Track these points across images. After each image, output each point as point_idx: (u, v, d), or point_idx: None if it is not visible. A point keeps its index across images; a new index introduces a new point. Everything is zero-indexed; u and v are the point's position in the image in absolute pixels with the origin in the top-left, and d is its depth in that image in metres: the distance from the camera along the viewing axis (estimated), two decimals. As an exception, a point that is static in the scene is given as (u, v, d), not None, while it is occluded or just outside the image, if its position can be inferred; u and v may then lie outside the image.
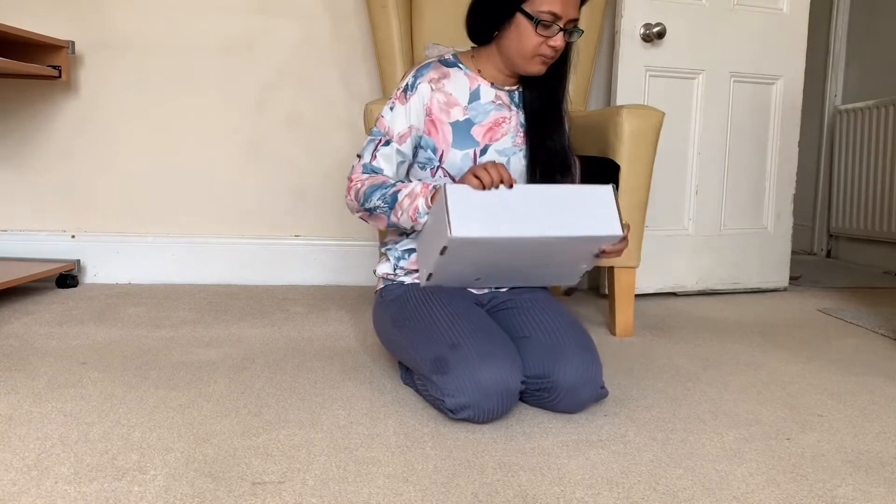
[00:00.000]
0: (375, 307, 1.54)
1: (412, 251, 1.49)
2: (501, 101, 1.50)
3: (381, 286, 1.54)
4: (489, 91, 1.50)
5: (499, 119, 1.49)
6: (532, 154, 1.49)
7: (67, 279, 2.43)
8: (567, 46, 1.45)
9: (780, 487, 1.06)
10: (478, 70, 1.51)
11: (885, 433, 1.29)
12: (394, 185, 1.40)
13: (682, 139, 2.52)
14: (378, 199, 1.40)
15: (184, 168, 2.57)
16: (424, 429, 1.25)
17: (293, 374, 1.54)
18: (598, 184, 1.35)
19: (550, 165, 1.49)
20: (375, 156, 1.46)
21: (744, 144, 2.62)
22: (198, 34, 2.53)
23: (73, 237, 2.55)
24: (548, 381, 1.30)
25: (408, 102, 1.45)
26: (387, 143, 1.46)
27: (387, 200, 1.39)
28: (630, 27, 2.38)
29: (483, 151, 1.47)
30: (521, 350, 1.34)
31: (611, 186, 1.35)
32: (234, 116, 2.57)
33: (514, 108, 1.51)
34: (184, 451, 1.12)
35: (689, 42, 2.47)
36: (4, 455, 1.10)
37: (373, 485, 1.03)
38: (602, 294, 2.55)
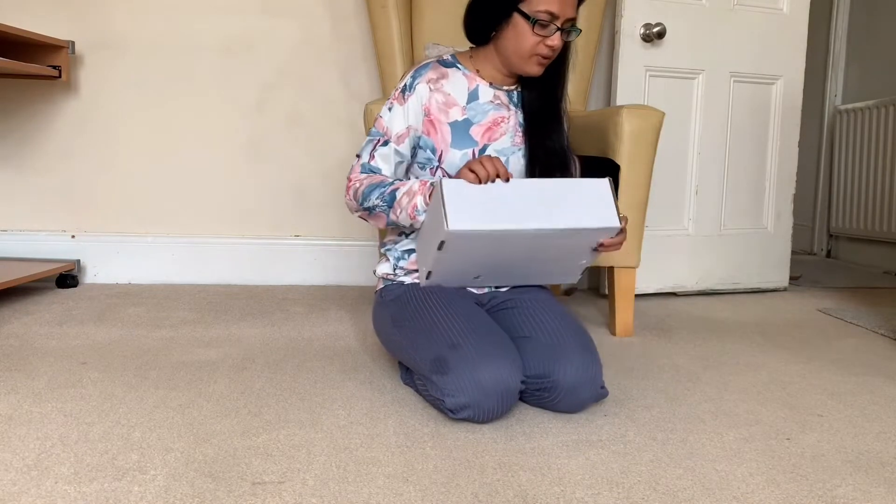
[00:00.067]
0: (375, 307, 1.54)
1: (411, 251, 1.49)
2: (500, 101, 1.50)
3: (381, 286, 1.54)
4: (488, 91, 1.50)
5: (497, 119, 1.49)
6: (531, 153, 1.49)
7: (67, 279, 2.43)
8: (565, 46, 1.45)
9: (780, 487, 1.06)
10: (476, 70, 1.51)
11: (885, 433, 1.29)
12: (392, 184, 1.40)
13: (682, 139, 2.52)
14: (377, 198, 1.40)
15: (184, 168, 2.57)
16: (424, 429, 1.25)
17: (293, 374, 1.54)
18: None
19: (549, 165, 1.49)
20: (374, 156, 1.46)
21: (744, 144, 2.62)
22: (198, 34, 2.53)
23: (73, 237, 2.55)
24: (548, 381, 1.30)
25: (406, 103, 1.45)
26: (385, 144, 1.46)
27: (385, 199, 1.39)
28: (630, 27, 2.38)
29: (482, 151, 1.47)
30: (521, 350, 1.34)
31: (607, 179, 1.35)
32: (234, 116, 2.57)
33: (513, 108, 1.51)
34: (184, 451, 1.12)
35: (689, 42, 2.47)
36: (4, 455, 1.10)
37: (373, 485, 1.03)
38: (602, 294, 2.55)
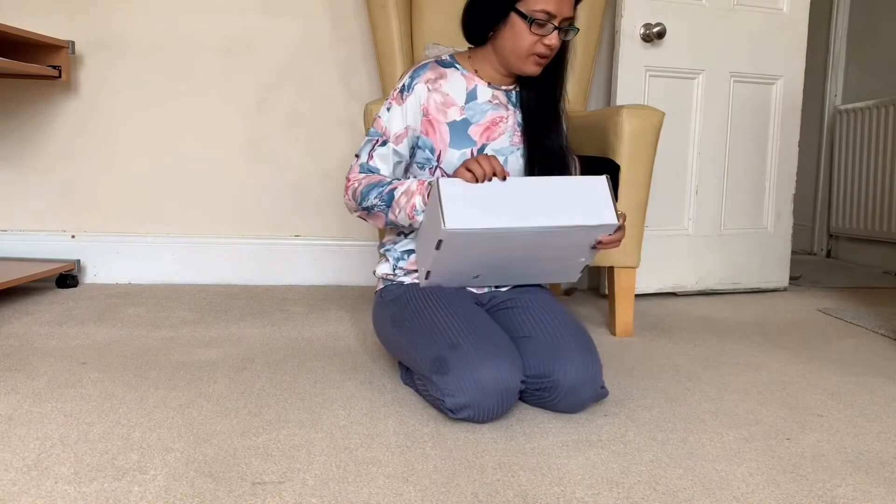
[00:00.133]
0: (375, 307, 1.54)
1: (411, 252, 1.49)
2: (499, 101, 1.50)
3: (381, 286, 1.54)
4: (486, 91, 1.50)
5: (496, 118, 1.49)
6: (530, 153, 1.49)
7: (67, 279, 2.43)
8: (563, 45, 1.45)
9: (780, 487, 1.06)
10: (475, 70, 1.51)
11: (885, 433, 1.29)
12: (390, 184, 1.40)
13: (682, 139, 2.52)
14: (375, 198, 1.40)
15: (184, 168, 2.57)
16: (424, 429, 1.25)
17: (293, 374, 1.54)
18: None
19: (548, 164, 1.49)
20: (372, 156, 1.46)
21: (744, 144, 2.62)
22: (198, 34, 2.53)
23: (73, 237, 2.55)
24: (548, 381, 1.30)
25: (404, 103, 1.46)
26: (383, 144, 1.46)
27: (383, 199, 1.40)
28: (630, 27, 2.38)
29: (480, 151, 1.47)
30: (522, 350, 1.34)
31: (605, 176, 1.35)
32: (234, 116, 2.57)
33: (512, 108, 1.52)
34: (184, 451, 1.12)
35: (689, 42, 2.47)
36: (4, 455, 1.10)
37: (373, 485, 1.03)
38: (602, 294, 2.55)
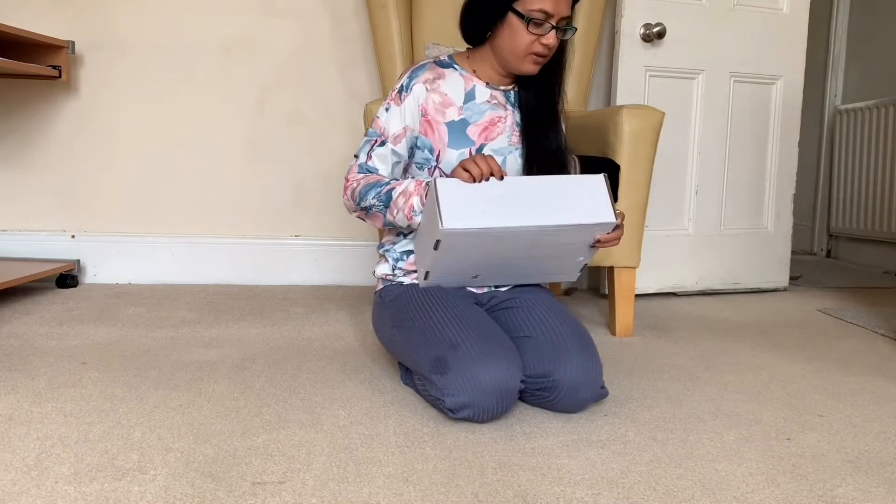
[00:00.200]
0: (375, 308, 1.54)
1: (410, 252, 1.49)
2: (497, 101, 1.50)
3: (381, 287, 1.54)
4: (484, 91, 1.50)
5: (494, 118, 1.49)
6: (528, 153, 1.49)
7: (67, 279, 2.43)
8: (561, 45, 1.45)
9: (780, 487, 1.06)
10: (473, 70, 1.51)
11: (885, 433, 1.29)
12: (388, 184, 1.41)
13: (682, 139, 2.52)
14: (373, 198, 1.40)
15: (184, 168, 2.57)
16: (424, 429, 1.25)
17: (293, 374, 1.54)
18: None
19: (547, 164, 1.49)
20: (371, 156, 1.46)
21: (744, 144, 2.62)
22: (198, 34, 2.53)
23: (73, 237, 2.55)
24: (548, 381, 1.30)
25: (402, 103, 1.46)
26: (382, 144, 1.46)
27: (381, 199, 1.40)
28: (630, 27, 2.38)
29: (478, 151, 1.46)
30: (521, 349, 1.34)
31: (602, 175, 1.35)
32: (234, 116, 2.57)
33: (510, 108, 1.51)
34: (184, 451, 1.12)
35: (689, 42, 2.47)
36: (4, 455, 1.10)
37: (373, 485, 1.03)
38: (602, 294, 2.55)
